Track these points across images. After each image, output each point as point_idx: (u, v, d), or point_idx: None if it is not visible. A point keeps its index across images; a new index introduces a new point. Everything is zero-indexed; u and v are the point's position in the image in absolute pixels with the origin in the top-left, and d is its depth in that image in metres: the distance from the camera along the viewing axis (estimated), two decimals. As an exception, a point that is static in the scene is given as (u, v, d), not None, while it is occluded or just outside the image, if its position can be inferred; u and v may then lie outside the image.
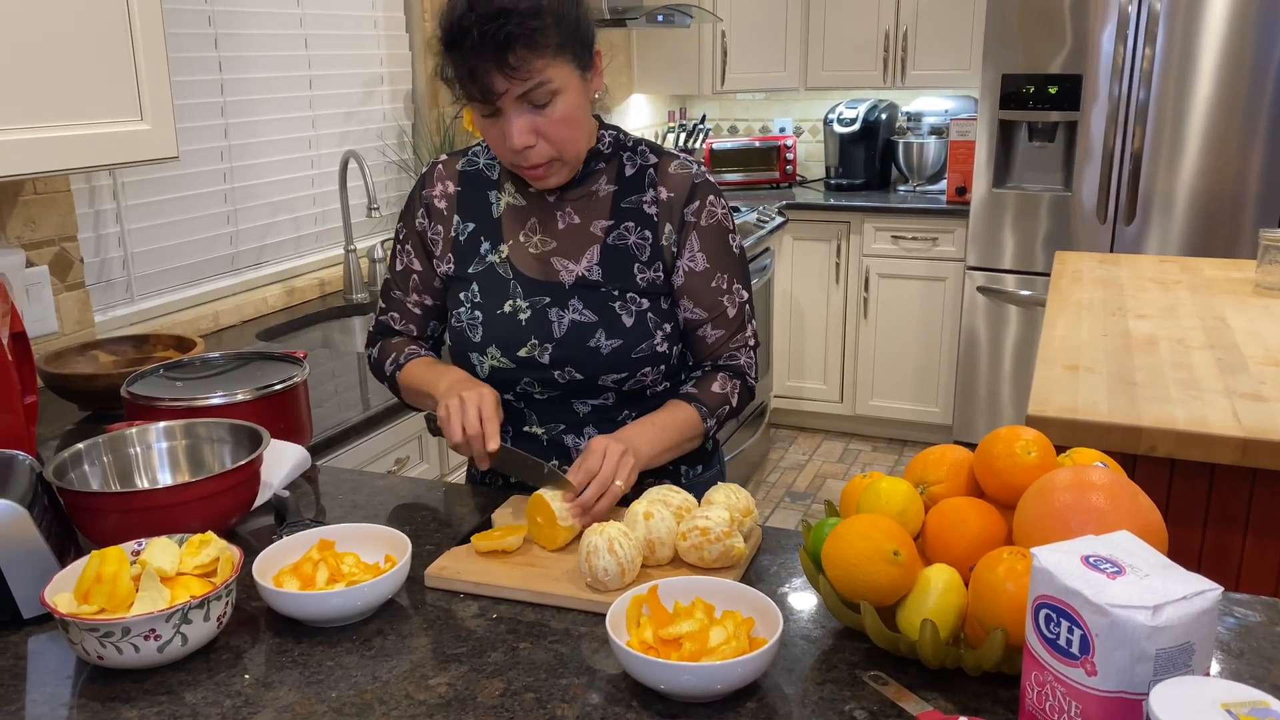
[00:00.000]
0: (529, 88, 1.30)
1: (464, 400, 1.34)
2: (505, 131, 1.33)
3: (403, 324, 1.57)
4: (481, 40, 1.26)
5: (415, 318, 1.56)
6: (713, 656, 1.01)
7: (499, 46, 1.26)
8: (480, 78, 1.28)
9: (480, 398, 1.34)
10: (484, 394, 1.35)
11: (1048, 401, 1.79)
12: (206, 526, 1.29)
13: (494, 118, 1.33)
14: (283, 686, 1.04)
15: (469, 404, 1.33)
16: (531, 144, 1.33)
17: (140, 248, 2.28)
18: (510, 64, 1.27)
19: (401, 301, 1.55)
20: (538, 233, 1.46)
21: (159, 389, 1.61)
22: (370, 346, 1.60)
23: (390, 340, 1.58)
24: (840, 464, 4.18)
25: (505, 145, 1.34)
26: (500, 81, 1.29)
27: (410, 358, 1.53)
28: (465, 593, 1.21)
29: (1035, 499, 1.01)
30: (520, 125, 1.32)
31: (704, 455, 1.57)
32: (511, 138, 1.32)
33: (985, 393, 4.07)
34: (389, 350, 1.56)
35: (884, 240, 4.19)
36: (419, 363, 1.51)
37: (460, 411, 1.33)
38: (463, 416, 1.33)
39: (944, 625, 1.00)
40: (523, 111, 1.32)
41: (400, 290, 1.55)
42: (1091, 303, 2.46)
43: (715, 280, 1.47)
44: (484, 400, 1.34)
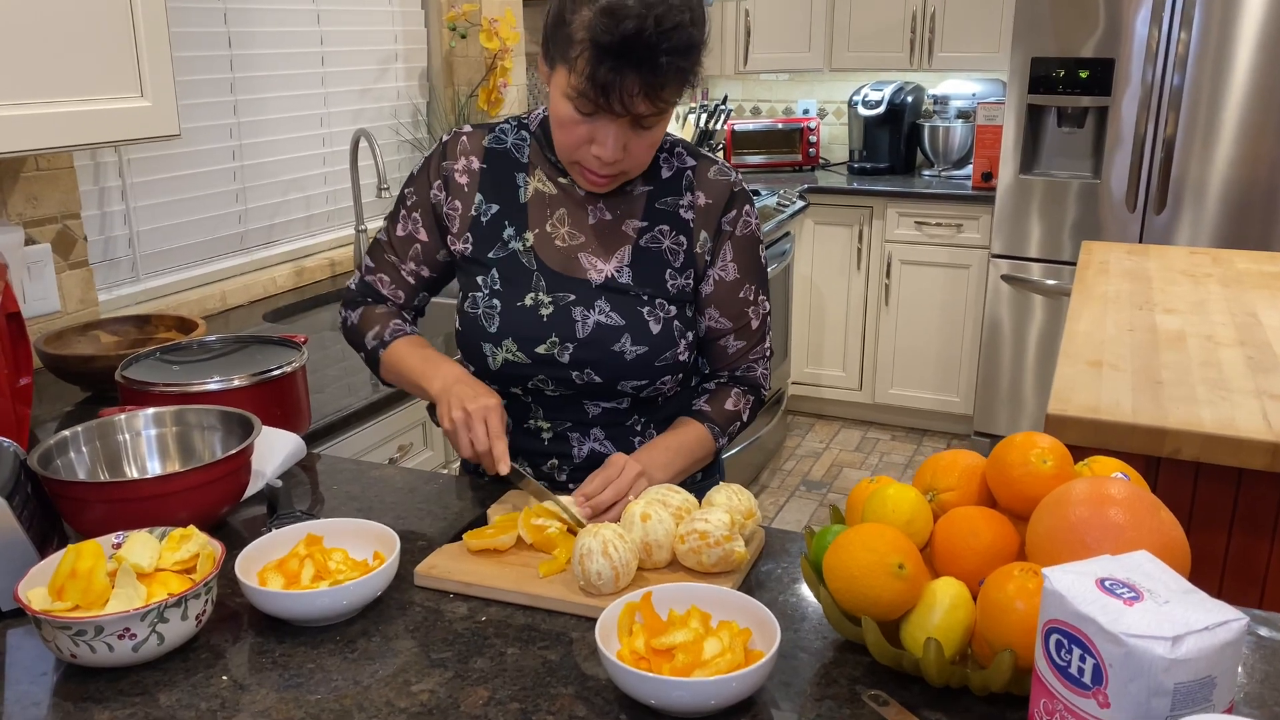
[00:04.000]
0: (654, 113, 1.26)
1: (470, 415, 1.28)
2: (599, 140, 1.28)
3: (390, 289, 1.49)
4: (648, 61, 1.20)
5: (407, 286, 1.49)
6: (706, 669, 0.96)
7: (659, 73, 1.22)
8: (625, 94, 1.22)
9: (487, 412, 1.28)
10: (490, 408, 1.29)
11: (1068, 400, 1.73)
12: (195, 518, 1.26)
13: (590, 119, 1.27)
14: (261, 689, 1.00)
15: (475, 420, 1.28)
16: (621, 159, 1.29)
17: (146, 226, 2.25)
18: (662, 95, 1.24)
19: (395, 267, 1.48)
20: (565, 224, 1.41)
21: (154, 373, 1.57)
22: (348, 309, 1.52)
23: (373, 308, 1.50)
24: (858, 453, 4.12)
25: (588, 149, 1.29)
26: (643, 105, 1.24)
27: (396, 334, 1.46)
28: (455, 593, 1.17)
29: (1050, 512, 0.96)
30: (619, 140, 1.28)
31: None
32: (607, 149, 1.27)
33: (1008, 384, 4.00)
34: (371, 320, 1.48)
35: (907, 226, 4.12)
36: (407, 343, 1.44)
37: (467, 427, 1.28)
38: (470, 433, 1.28)
39: (950, 643, 0.95)
40: (625, 127, 1.27)
41: (396, 256, 1.48)
42: (1118, 295, 2.39)
43: (743, 291, 1.43)
44: (491, 415, 1.28)
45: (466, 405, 1.28)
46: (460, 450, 1.30)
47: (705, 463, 1.44)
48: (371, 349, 1.47)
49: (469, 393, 1.31)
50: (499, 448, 1.28)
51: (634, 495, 1.26)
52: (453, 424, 1.29)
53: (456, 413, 1.29)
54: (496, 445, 1.28)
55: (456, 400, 1.30)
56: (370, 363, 1.49)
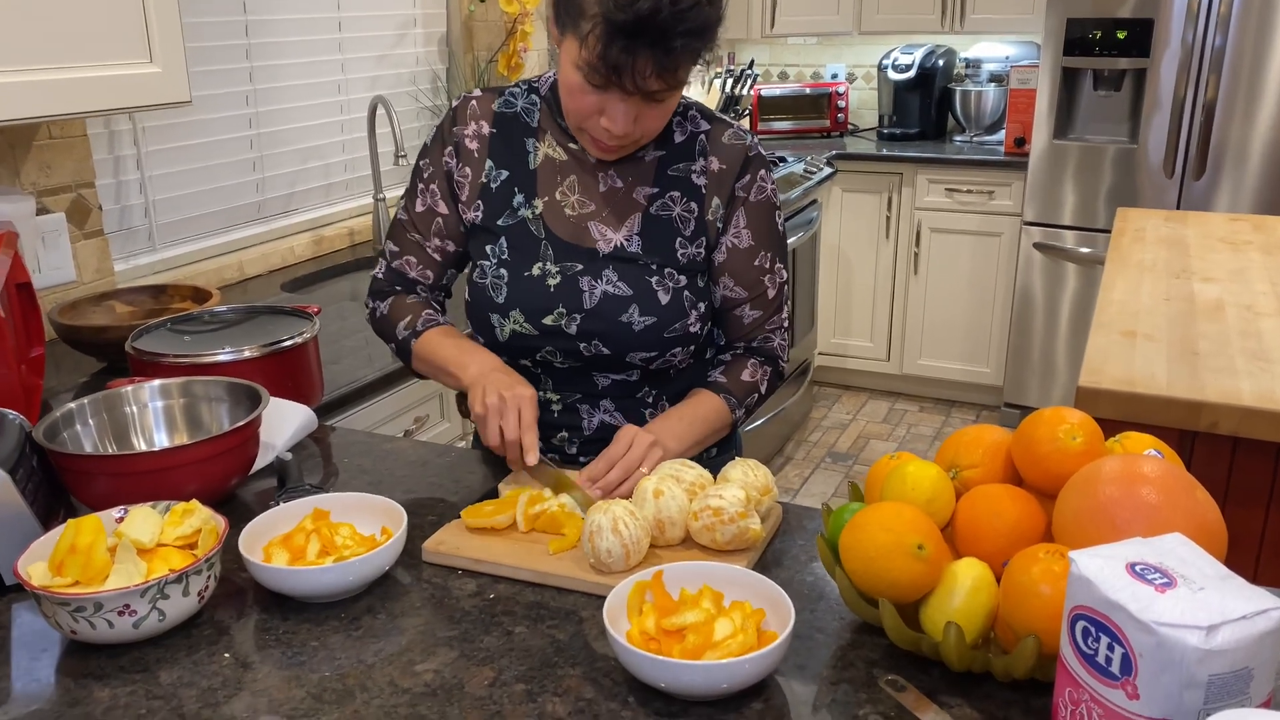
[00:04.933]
0: (667, 89, 1.22)
1: (504, 401, 1.24)
2: (609, 113, 1.23)
3: (419, 270, 1.45)
4: (662, 43, 1.16)
5: (434, 265, 1.45)
6: (717, 651, 0.93)
7: (672, 54, 1.17)
8: (637, 75, 1.18)
9: (520, 400, 1.25)
10: (523, 397, 1.25)
11: (1101, 372, 1.67)
12: (202, 491, 1.24)
13: (601, 91, 1.22)
14: (263, 667, 0.98)
15: (509, 407, 1.24)
16: (631, 130, 1.25)
17: (162, 195, 2.23)
18: (675, 74, 1.20)
19: (420, 246, 1.44)
20: (575, 192, 1.37)
21: (165, 344, 1.55)
22: (377, 299, 1.48)
23: (403, 298, 1.46)
24: (885, 424, 4.06)
25: (597, 120, 1.25)
26: (654, 83, 1.20)
27: (429, 324, 1.41)
28: (464, 569, 1.14)
29: (1078, 491, 0.91)
30: (629, 114, 1.23)
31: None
32: (617, 122, 1.23)
33: (1039, 354, 3.92)
34: (402, 310, 1.44)
35: (937, 193, 4.03)
36: (440, 332, 1.40)
37: (499, 413, 1.24)
38: (502, 419, 1.24)
39: (972, 626, 0.91)
40: (636, 102, 1.23)
41: (419, 234, 1.43)
42: (1154, 263, 2.31)
43: (759, 259, 1.39)
44: (524, 405, 1.25)
45: (502, 392, 1.25)
46: (488, 437, 1.25)
47: (721, 435, 1.41)
48: (403, 339, 1.42)
49: (505, 380, 1.27)
50: (529, 438, 1.24)
51: (647, 467, 1.23)
52: (485, 409, 1.25)
53: (491, 398, 1.25)
54: (527, 435, 1.24)
55: (493, 387, 1.26)
56: (401, 354, 1.44)
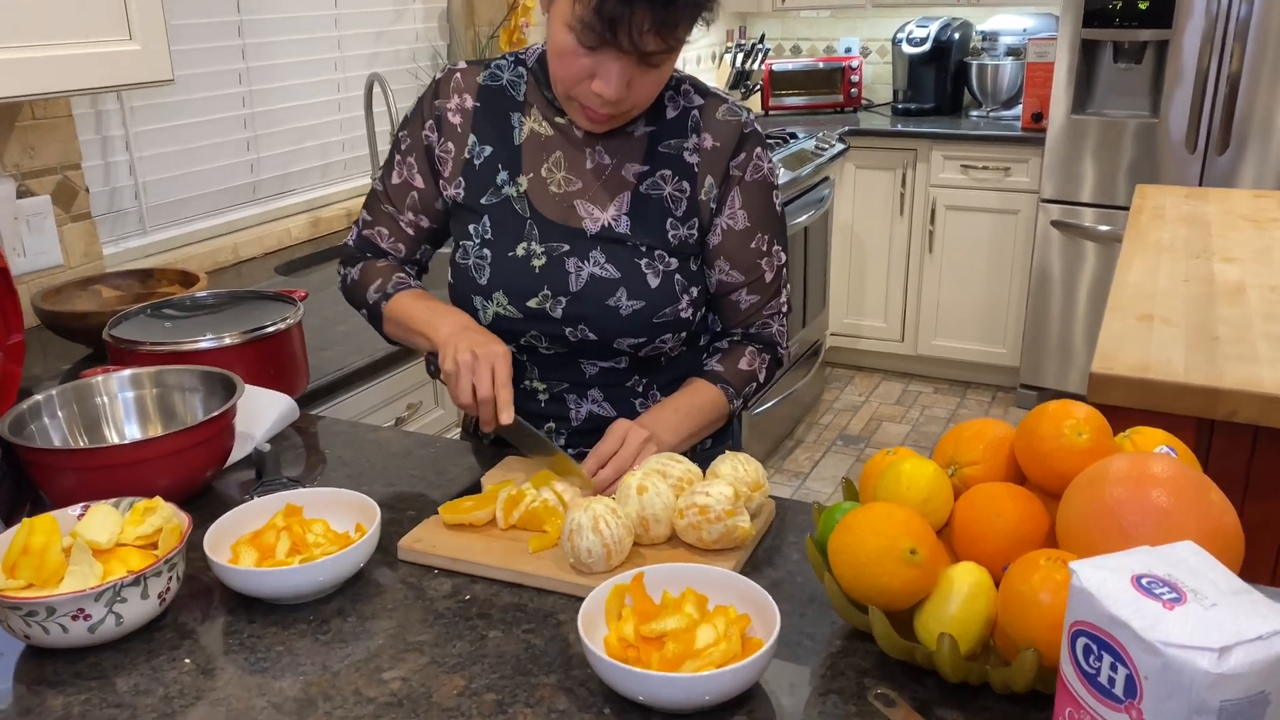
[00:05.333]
0: (664, 50, 1.16)
1: (477, 358, 1.19)
2: (602, 75, 1.17)
3: (390, 242, 1.40)
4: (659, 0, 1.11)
5: (407, 239, 1.40)
6: (698, 660, 0.88)
7: (672, 8, 1.12)
8: (634, 30, 1.12)
9: (494, 357, 1.20)
10: (497, 354, 1.20)
11: (1115, 357, 1.60)
12: (175, 485, 1.19)
13: (594, 52, 1.16)
14: (224, 674, 0.94)
15: (482, 364, 1.19)
16: (624, 96, 1.19)
17: (152, 176, 2.18)
18: (674, 33, 1.15)
19: (393, 218, 1.39)
20: (561, 169, 1.31)
21: (144, 331, 1.51)
22: (347, 265, 1.44)
23: (374, 262, 1.41)
24: (898, 406, 4.00)
25: (588, 85, 1.19)
26: (652, 42, 1.14)
27: (400, 287, 1.37)
28: (440, 568, 1.10)
29: (1083, 491, 0.85)
30: (623, 77, 1.17)
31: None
32: (610, 87, 1.17)
33: (1056, 335, 3.84)
34: (373, 274, 1.39)
35: (953, 170, 3.94)
36: (411, 294, 1.35)
37: (471, 370, 1.19)
38: (474, 376, 1.19)
39: (968, 635, 0.86)
40: (631, 63, 1.17)
41: (393, 206, 1.39)
42: (1173, 243, 2.23)
43: (755, 241, 1.33)
44: (498, 362, 1.20)
45: (475, 349, 1.20)
46: (458, 396, 1.20)
47: (718, 426, 1.35)
48: (374, 303, 1.38)
49: (478, 338, 1.22)
50: (504, 395, 1.19)
51: (640, 464, 1.18)
52: (455, 366, 1.20)
53: (463, 355, 1.20)
54: (501, 392, 1.19)
55: (464, 344, 1.21)
56: (373, 318, 1.40)
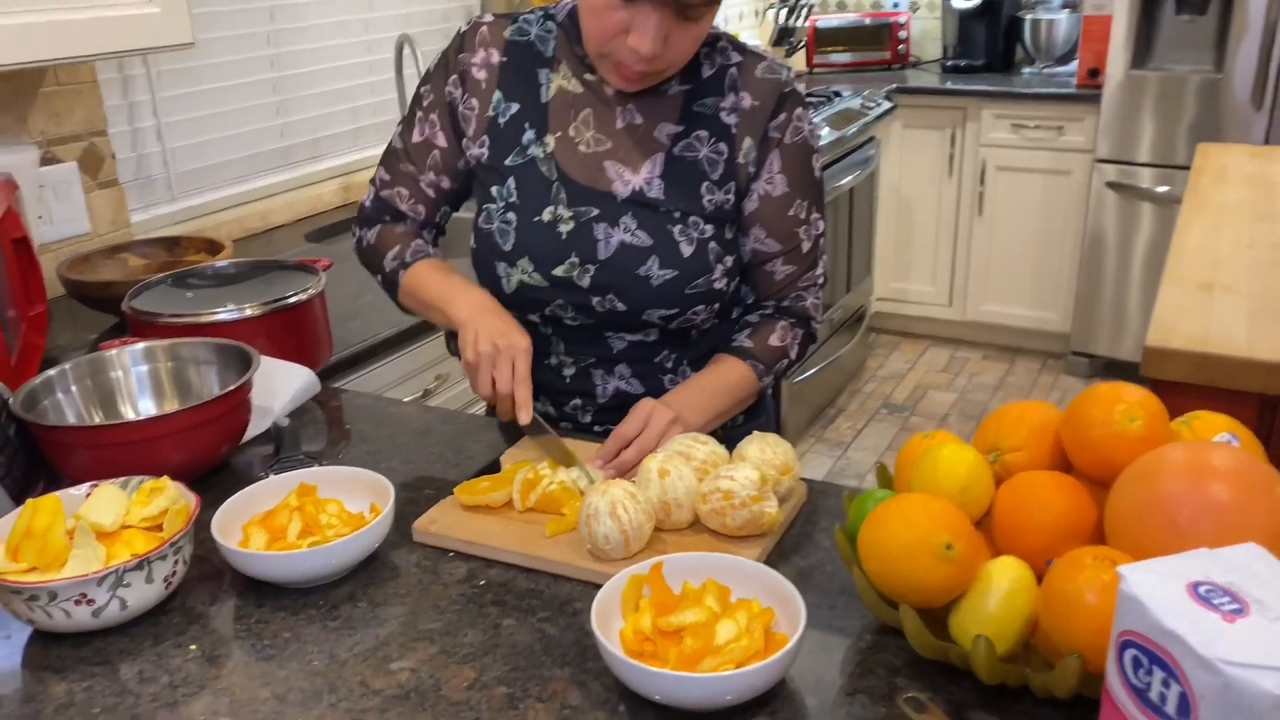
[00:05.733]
0: (703, 3, 1.10)
1: (498, 351, 1.15)
2: (638, 29, 1.11)
3: (410, 204, 1.35)
4: None
5: (427, 200, 1.35)
6: (717, 656, 0.83)
7: None
8: None
9: (514, 351, 1.16)
10: (518, 348, 1.16)
11: (1172, 329, 1.52)
12: (190, 462, 1.17)
13: (629, 5, 1.10)
14: (229, 662, 0.91)
15: (503, 357, 1.15)
16: (660, 53, 1.13)
17: (180, 142, 2.15)
18: None
19: (413, 178, 1.34)
20: (591, 128, 1.25)
21: (164, 302, 1.48)
22: (363, 227, 1.38)
23: (392, 227, 1.36)
24: (945, 373, 3.90)
25: (623, 40, 1.13)
26: None
27: (418, 256, 1.32)
28: (455, 551, 1.06)
29: (1135, 484, 0.79)
30: (660, 31, 1.11)
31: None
32: (645, 41, 1.11)
33: (1110, 301, 3.71)
34: (390, 240, 1.35)
35: (1004, 129, 3.81)
36: (429, 265, 1.30)
37: (492, 363, 1.16)
38: (494, 370, 1.16)
39: (1007, 635, 0.80)
40: (668, 16, 1.11)
41: (413, 165, 1.33)
42: (1237, 206, 2.12)
43: (794, 208, 1.26)
44: (518, 356, 1.16)
45: (496, 340, 1.16)
46: (479, 387, 1.18)
47: (747, 405, 1.30)
48: (390, 271, 1.33)
49: (500, 327, 1.18)
50: (522, 392, 1.15)
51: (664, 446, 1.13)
52: (477, 357, 1.16)
53: (485, 345, 1.16)
54: (520, 390, 1.15)
55: (486, 334, 1.17)
56: (388, 286, 1.36)
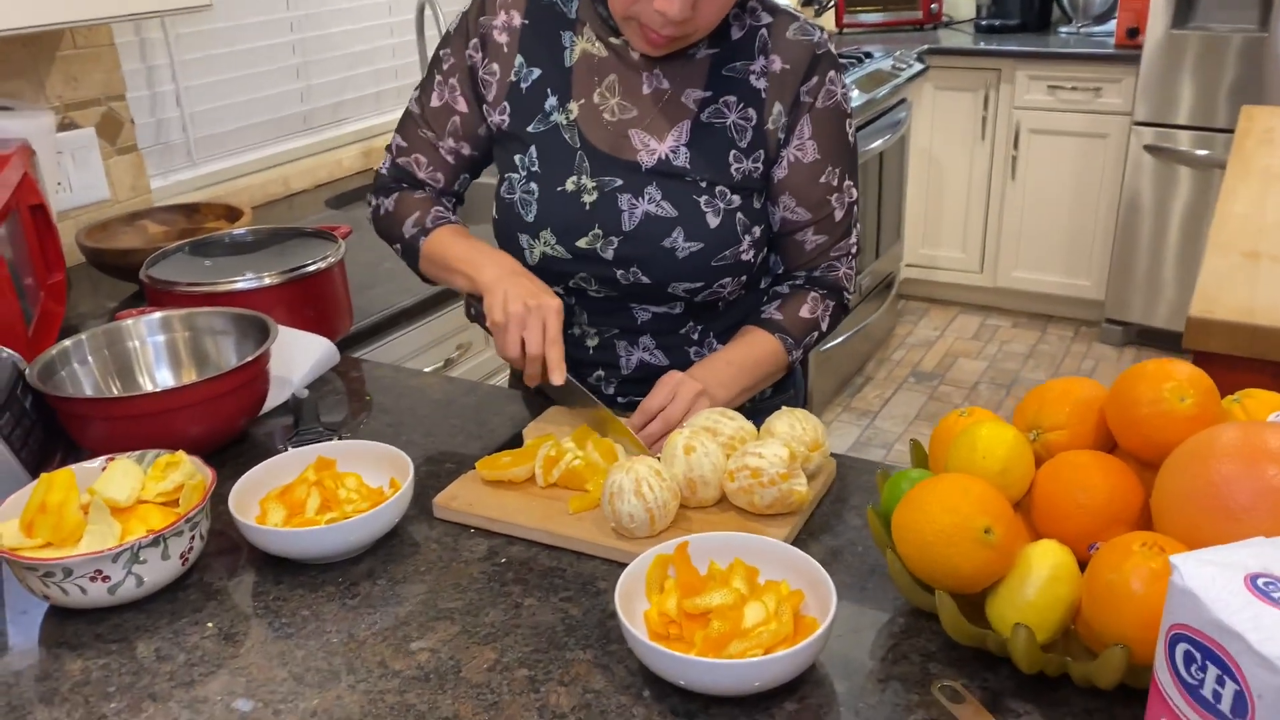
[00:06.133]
0: None
1: (528, 310, 1.12)
2: None
3: (429, 171, 1.31)
4: None
5: (447, 167, 1.31)
6: (745, 640, 0.81)
7: None
8: None
9: (545, 311, 1.12)
10: (550, 308, 1.12)
11: (1216, 300, 1.46)
12: (209, 433, 1.15)
13: None
14: (246, 641, 0.89)
15: (533, 318, 1.12)
16: (689, 16, 1.09)
17: (200, 107, 2.12)
18: None
19: (432, 145, 1.30)
20: (615, 94, 1.21)
21: (181, 270, 1.46)
22: (380, 195, 1.35)
23: (410, 194, 1.32)
24: (975, 341, 3.84)
25: (649, 4, 1.09)
26: None
27: (439, 222, 1.28)
28: (476, 528, 1.04)
29: (1185, 467, 0.75)
30: None
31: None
32: (673, 5, 1.07)
33: (1145, 267, 3.63)
34: (409, 206, 1.30)
35: (1039, 90, 3.72)
36: (450, 230, 1.27)
37: (521, 324, 1.12)
38: (524, 330, 1.12)
39: (1047, 623, 0.77)
40: None
41: (432, 131, 1.30)
42: (1283, 170, 2.05)
43: (825, 175, 1.22)
44: (550, 316, 1.12)
45: (526, 300, 1.12)
46: (506, 349, 1.13)
47: (776, 379, 1.26)
48: (410, 238, 1.29)
49: (530, 288, 1.14)
50: (554, 353, 1.12)
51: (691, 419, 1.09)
52: (505, 317, 1.12)
53: (514, 305, 1.12)
54: (552, 350, 1.12)
55: (516, 294, 1.13)
56: (408, 254, 1.31)
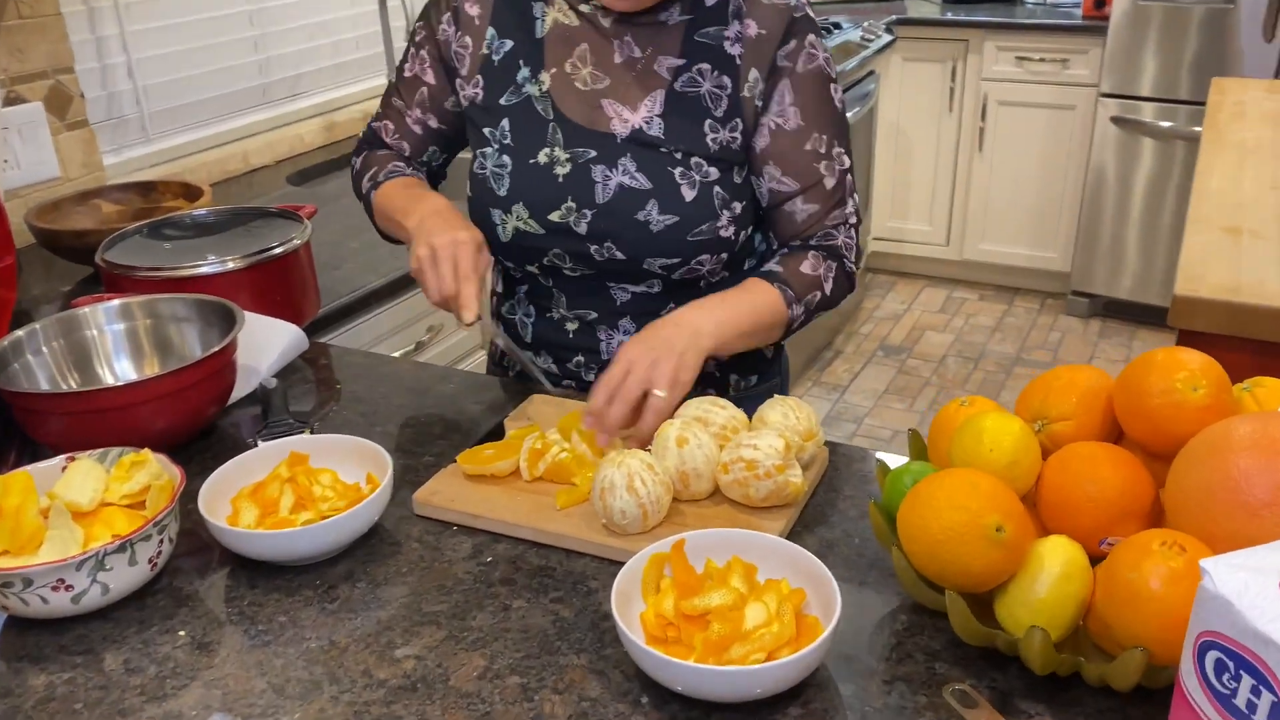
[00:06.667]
0: None
1: (435, 250, 1.07)
2: None
3: (394, 138, 1.30)
4: None
5: (412, 137, 1.29)
6: (746, 643, 0.78)
7: None
8: None
9: (456, 247, 1.07)
10: (460, 242, 1.07)
11: (1200, 278, 1.45)
12: (174, 427, 1.10)
13: None
14: (221, 649, 0.85)
15: (442, 256, 1.07)
16: None
17: (153, 79, 2.04)
18: None
19: (401, 113, 1.29)
20: (587, 64, 1.17)
21: (139, 254, 1.40)
22: (356, 155, 1.35)
23: (375, 152, 1.32)
24: (942, 314, 3.84)
25: None
26: None
27: (391, 175, 1.26)
28: (459, 524, 1.00)
29: (1201, 460, 0.73)
30: None
31: (762, 362, 1.30)
32: None
33: (1110, 239, 3.65)
34: (370, 163, 1.30)
35: (1006, 62, 3.70)
36: (398, 184, 1.24)
37: (433, 265, 1.07)
38: (435, 272, 1.07)
39: (1059, 622, 0.75)
40: None
41: (402, 100, 1.28)
42: (1258, 144, 2.05)
43: (810, 142, 1.17)
44: (460, 250, 1.07)
45: (433, 240, 1.07)
46: (429, 295, 1.09)
47: (773, 336, 1.17)
48: (365, 193, 1.29)
49: (440, 226, 1.09)
50: (467, 290, 1.06)
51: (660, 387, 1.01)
52: (418, 263, 1.08)
53: (422, 249, 1.08)
54: (465, 287, 1.06)
55: (425, 236, 1.09)
56: (367, 209, 1.30)
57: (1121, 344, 3.60)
